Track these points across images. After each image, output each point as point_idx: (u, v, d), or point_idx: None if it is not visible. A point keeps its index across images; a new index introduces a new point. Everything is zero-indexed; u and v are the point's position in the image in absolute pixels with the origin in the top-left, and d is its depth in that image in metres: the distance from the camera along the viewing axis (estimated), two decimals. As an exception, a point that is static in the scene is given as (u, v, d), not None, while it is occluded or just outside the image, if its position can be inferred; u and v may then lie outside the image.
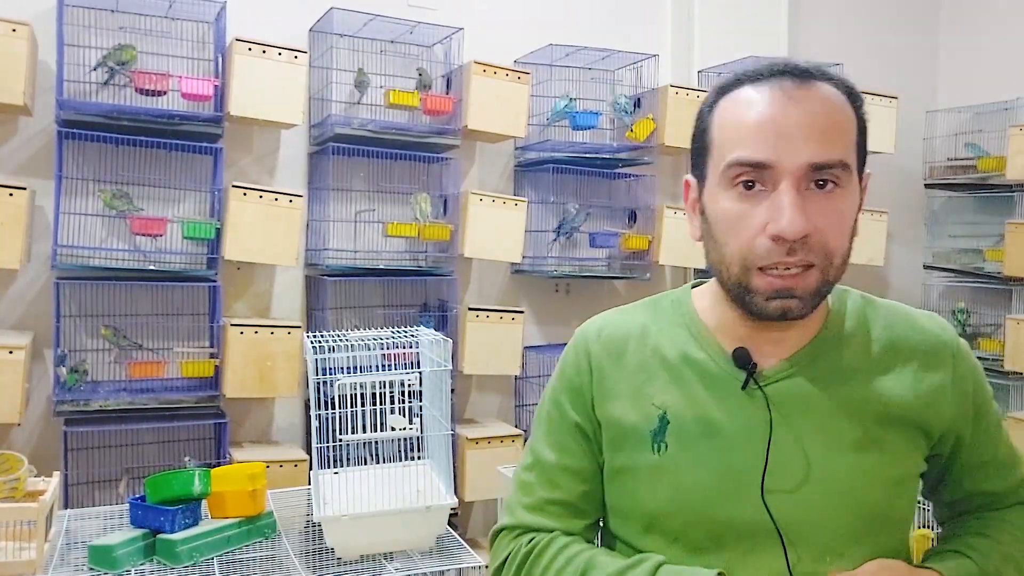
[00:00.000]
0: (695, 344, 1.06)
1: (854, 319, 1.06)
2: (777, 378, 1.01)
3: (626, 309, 1.15)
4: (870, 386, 1.01)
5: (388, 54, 3.34)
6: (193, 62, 2.99)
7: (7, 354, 2.52)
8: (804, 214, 0.91)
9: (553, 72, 3.58)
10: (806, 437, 0.98)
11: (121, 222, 2.90)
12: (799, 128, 0.92)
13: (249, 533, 1.93)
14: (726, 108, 0.98)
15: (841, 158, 0.93)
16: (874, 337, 1.05)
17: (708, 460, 1.00)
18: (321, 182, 3.19)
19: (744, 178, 0.94)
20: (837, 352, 1.03)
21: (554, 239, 3.55)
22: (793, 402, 1.00)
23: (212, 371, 2.88)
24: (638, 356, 1.08)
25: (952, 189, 4.29)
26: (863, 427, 0.99)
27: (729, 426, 1.00)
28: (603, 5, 3.75)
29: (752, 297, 0.96)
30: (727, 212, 0.96)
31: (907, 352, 1.04)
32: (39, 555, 1.71)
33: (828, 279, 0.96)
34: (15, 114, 2.79)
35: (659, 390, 1.04)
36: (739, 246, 0.95)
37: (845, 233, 0.97)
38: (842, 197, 0.95)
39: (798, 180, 0.92)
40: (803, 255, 0.93)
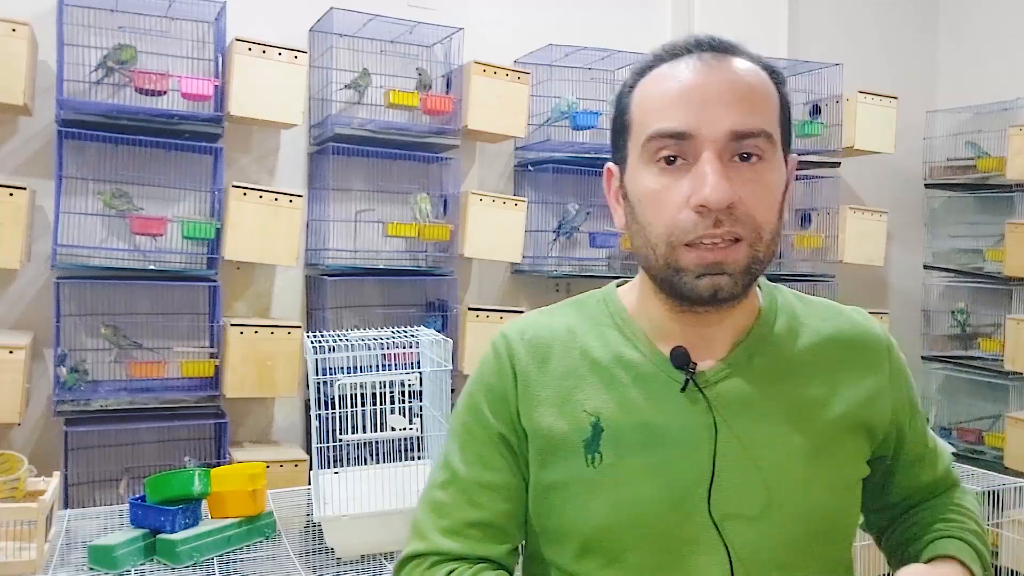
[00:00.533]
0: (628, 344, 0.98)
1: (786, 316, 1.01)
2: (716, 379, 0.95)
3: (549, 310, 1.08)
4: (811, 386, 0.97)
5: (388, 54, 3.34)
6: (193, 62, 2.99)
7: (7, 354, 2.52)
8: (725, 181, 0.86)
9: (553, 72, 3.58)
10: (754, 444, 0.93)
11: (121, 222, 2.90)
12: (719, 95, 0.88)
13: (249, 533, 1.93)
14: (645, 86, 0.94)
15: (763, 127, 0.89)
16: (808, 332, 1.00)
17: (650, 470, 0.92)
18: (321, 182, 3.19)
19: (665, 152, 0.89)
20: (773, 350, 0.98)
21: (554, 239, 3.55)
22: (736, 405, 0.94)
23: (212, 371, 2.88)
24: (565, 360, 0.99)
25: (952, 189, 4.29)
26: (811, 432, 0.94)
27: (671, 432, 0.93)
28: (603, 5, 3.75)
29: (681, 277, 0.89)
30: (649, 190, 0.90)
31: (844, 347, 1.00)
32: (39, 555, 1.71)
33: (758, 255, 0.90)
34: (15, 114, 2.79)
35: (590, 395, 0.96)
36: (664, 223, 0.89)
37: (772, 207, 0.91)
38: (767, 169, 0.90)
39: (720, 149, 0.87)
40: (729, 226, 0.87)
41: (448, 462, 1.02)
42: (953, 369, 4.18)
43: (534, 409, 0.98)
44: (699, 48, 0.92)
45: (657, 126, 0.89)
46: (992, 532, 2.78)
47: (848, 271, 3.98)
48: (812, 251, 3.92)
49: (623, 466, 0.93)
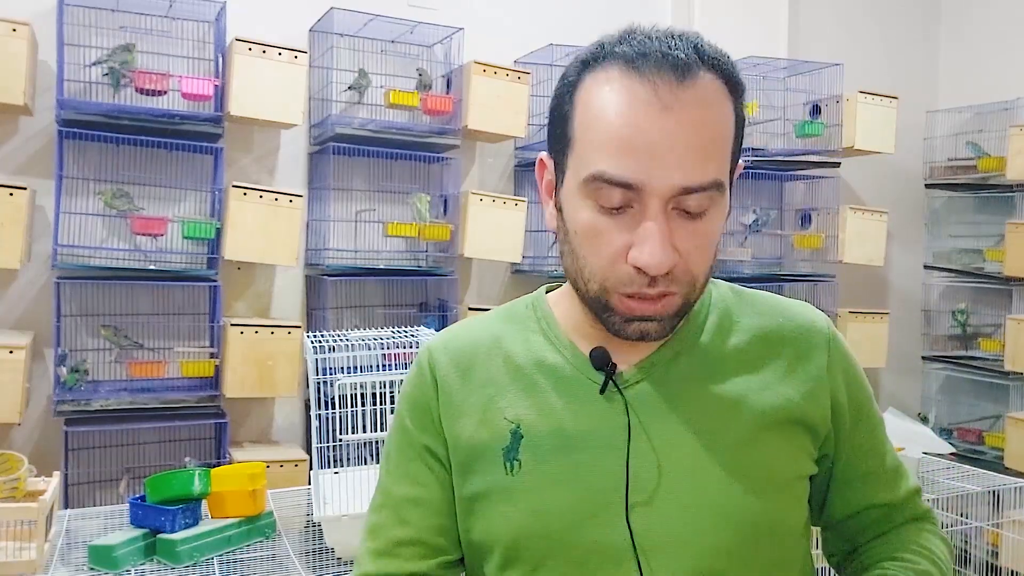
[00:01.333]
0: (550, 348, 0.96)
1: (718, 311, 0.96)
2: (638, 379, 0.91)
3: (477, 319, 1.04)
4: (741, 382, 0.92)
5: (388, 54, 3.34)
6: (193, 62, 2.99)
7: (7, 354, 2.52)
8: (668, 248, 0.82)
9: (553, 72, 3.58)
10: (667, 443, 0.88)
11: (121, 222, 2.90)
12: (672, 147, 0.81)
13: (249, 533, 1.93)
14: (591, 92, 0.86)
15: (716, 178, 0.83)
16: (741, 329, 0.95)
17: (565, 476, 0.89)
18: (321, 182, 3.19)
19: (606, 201, 0.83)
20: (700, 348, 0.94)
21: (554, 239, 3.55)
22: (655, 405, 0.90)
23: (212, 371, 2.88)
24: (488, 368, 0.96)
25: (952, 189, 4.29)
26: (737, 428, 0.89)
27: (587, 436, 0.89)
28: (603, 5, 3.76)
29: (610, 317, 0.87)
30: (586, 226, 0.86)
31: (778, 342, 0.95)
32: (39, 555, 1.71)
33: (691, 300, 0.88)
34: (15, 114, 2.79)
35: (511, 402, 0.93)
36: (599, 266, 0.86)
37: (711, 254, 0.88)
38: (712, 219, 0.85)
39: (666, 203, 0.82)
40: (664, 286, 0.84)
41: (381, 485, 1.00)
42: (953, 369, 4.18)
43: (456, 420, 0.95)
44: (659, 65, 0.83)
45: (601, 168, 0.82)
46: (992, 532, 2.78)
47: (848, 271, 3.98)
48: (812, 251, 3.92)
49: (540, 472, 0.89)
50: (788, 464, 0.91)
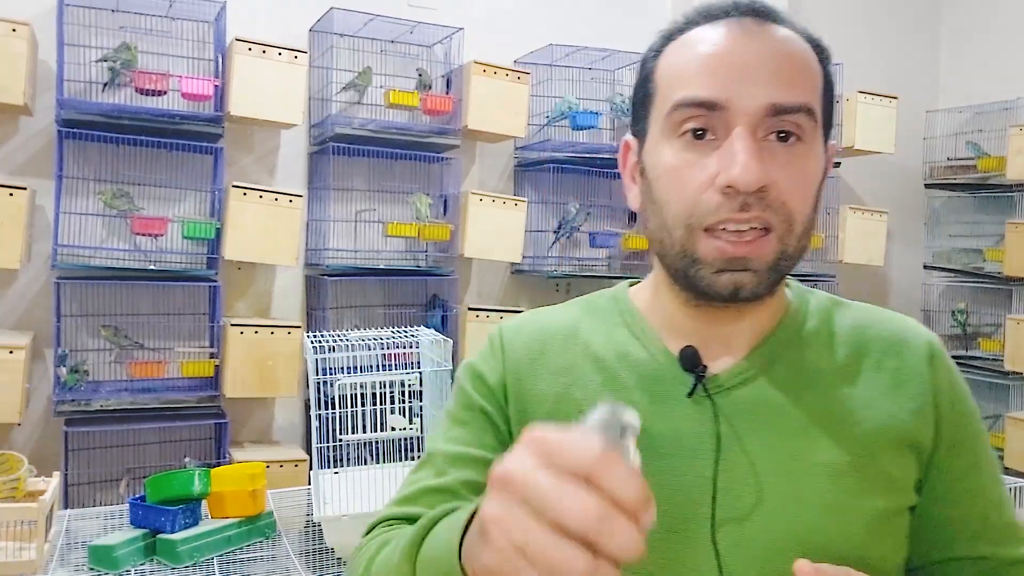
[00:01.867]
0: (635, 342, 0.88)
1: (818, 318, 0.89)
2: (730, 384, 0.83)
3: (554, 307, 0.98)
4: (843, 397, 0.83)
5: (388, 54, 3.34)
6: (193, 62, 2.99)
7: (7, 354, 2.52)
8: (759, 161, 0.75)
9: (553, 72, 3.58)
10: (762, 458, 0.79)
11: (121, 222, 2.90)
12: (758, 64, 0.77)
13: (249, 533, 1.93)
14: (673, 50, 0.83)
15: (806, 102, 0.78)
16: (842, 339, 0.87)
17: (648, 482, 0.77)
18: (321, 182, 3.19)
19: (692, 123, 0.77)
20: (798, 354, 0.85)
21: (554, 239, 3.55)
22: (749, 414, 0.82)
23: (212, 371, 2.88)
24: (564, 355, 0.90)
25: (952, 189, 4.29)
26: (838, 446, 0.80)
27: (670, 441, 0.82)
28: (603, 5, 3.76)
29: (698, 270, 0.78)
30: (670, 165, 0.79)
31: (881, 355, 0.86)
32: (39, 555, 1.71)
33: (787, 250, 0.79)
34: (15, 114, 2.79)
35: (589, 395, 0.86)
36: (683, 203, 0.78)
37: (808, 195, 0.79)
38: (805, 152, 0.79)
39: (754, 125, 0.76)
40: (759, 211, 0.76)
41: (428, 446, 0.95)
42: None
43: (525, 406, 0.88)
44: (738, 11, 0.81)
45: (684, 93, 0.78)
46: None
47: (848, 271, 3.98)
48: (812, 251, 3.92)
49: None
50: (894, 494, 0.81)
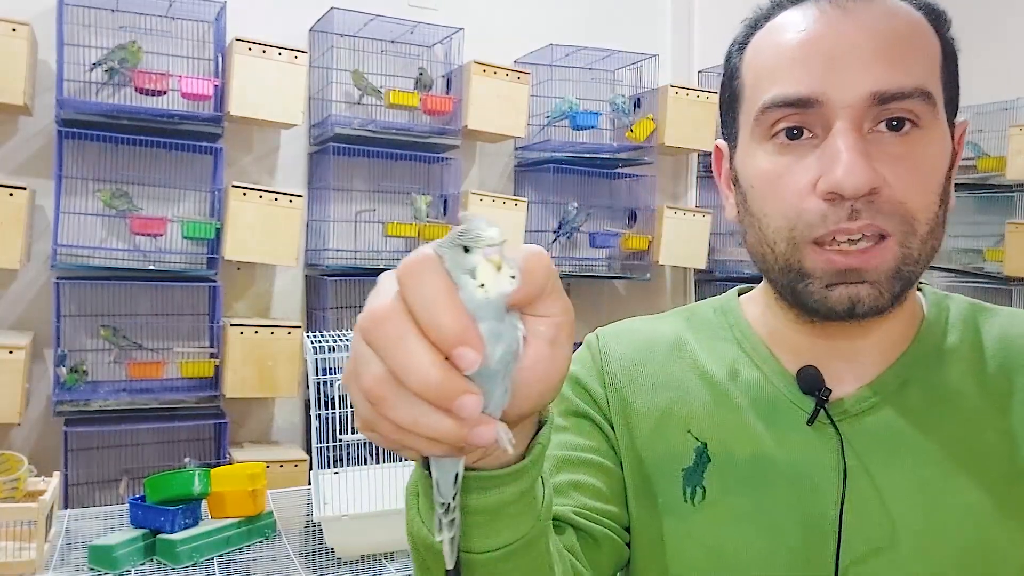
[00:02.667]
0: (746, 360, 0.78)
1: (960, 330, 0.76)
2: (856, 410, 0.72)
3: (654, 316, 0.88)
4: (990, 421, 0.71)
5: (388, 54, 3.34)
6: (193, 62, 2.99)
7: (7, 354, 2.52)
8: (866, 161, 0.65)
9: (553, 72, 3.58)
10: (895, 495, 0.69)
11: (121, 222, 2.90)
12: (856, 46, 0.66)
13: (249, 533, 1.93)
14: (761, 41, 0.73)
15: (919, 85, 0.66)
16: (989, 353, 0.74)
17: (759, 515, 0.72)
18: (321, 182, 3.19)
19: (785, 124, 0.68)
20: (937, 373, 0.73)
21: (554, 239, 3.55)
22: (879, 444, 0.71)
23: (212, 371, 2.88)
24: (669, 368, 0.80)
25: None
26: (984, 482, 0.68)
27: (790, 472, 0.72)
28: (603, 5, 3.75)
29: (807, 285, 0.69)
30: (765, 172, 0.70)
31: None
32: (39, 555, 1.71)
33: (911, 254, 0.68)
34: (15, 114, 2.79)
35: (697, 414, 0.77)
36: (783, 214, 0.69)
37: (931, 189, 0.68)
38: (924, 140, 0.67)
39: (858, 118, 0.66)
40: (869, 218, 0.66)
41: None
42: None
43: (626, 419, 0.79)
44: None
45: (773, 92, 0.69)
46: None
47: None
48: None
49: (728, 506, 0.73)
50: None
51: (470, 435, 0.43)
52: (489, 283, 0.43)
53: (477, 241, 0.43)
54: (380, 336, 0.42)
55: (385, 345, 0.42)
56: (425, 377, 0.42)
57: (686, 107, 3.51)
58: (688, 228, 3.59)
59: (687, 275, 3.93)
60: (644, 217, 3.63)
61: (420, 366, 0.42)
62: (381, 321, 0.42)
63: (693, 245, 3.60)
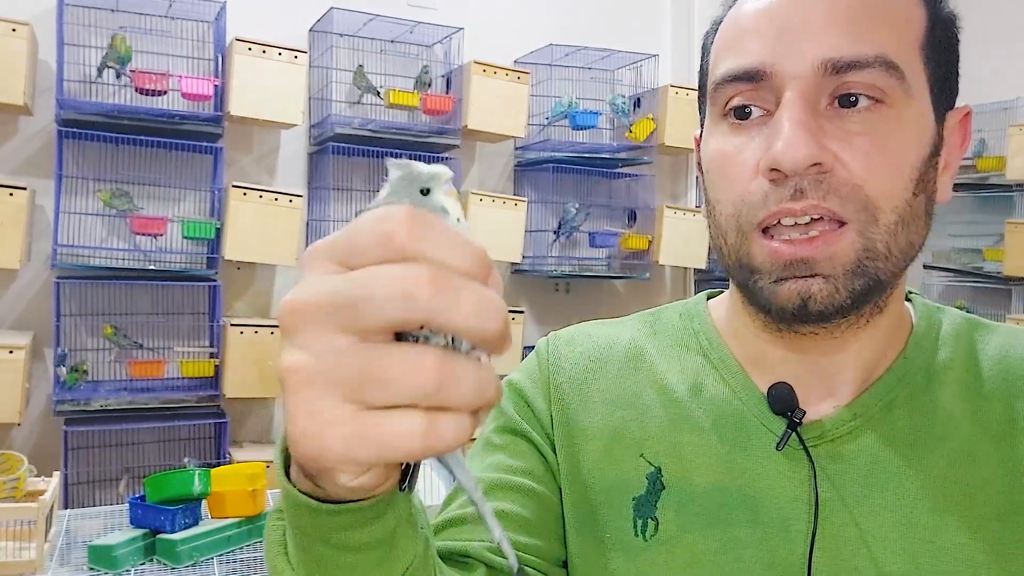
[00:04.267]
0: (713, 373, 0.70)
1: (952, 347, 0.68)
2: (834, 435, 0.64)
3: (613, 320, 0.80)
4: (986, 453, 0.63)
5: (388, 54, 3.34)
6: (193, 62, 2.99)
7: (7, 354, 2.52)
8: (808, 135, 0.58)
9: (553, 72, 3.58)
10: (876, 533, 0.61)
11: (121, 221, 2.90)
12: (808, 15, 0.60)
13: (249, 533, 1.93)
14: (727, 17, 0.68)
15: (880, 53, 0.58)
16: (986, 374, 0.66)
17: (716, 555, 0.64)
18: (321, 182, 3.19)
19: (737, 100, 0.62)
20: (927, 396, 0.65)
21: (554, 239, 3.55)
22: (858, 476, 0.63)
23: (212, 371, 2.88)
24: (623, 381, 0.72)
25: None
26: (978, 522, 0.61)
27: (754, 505, 0.64)
28: (603, 5, 3.75)
29: (756, 281, 0.62)
30: (717, 154, 0.64)
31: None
32: (39, 555, 1.71)
33: (876, 248, 0.60)
34: (15, 114, 2.79)
35: (653, 436, 0.69)
36: (731, 199, 0.62)
37: (899, 174, 0.60)
38: (890, 118, 0.59)
39: (809, 90, 0.59)
40: (816, 199, 0.58)
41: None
42: (953, 369, 4.17)
43: (572, 439, 0.71)
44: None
45: (725, 66, 0.63)
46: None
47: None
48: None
49: (683, 543, 0.65)
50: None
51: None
52: (462, 217, 0.40)
53: (436, 180, 0.40)
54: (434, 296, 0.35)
55: (423, 290, 0.34)
56: (490, 311, 0.35)
57: (686, 107, 3.51)
58: (688, 228, 3.59)
59: (687, 275, 3.93)
60: (644, 217, 3.64)
61: (479, 299, 0.35)
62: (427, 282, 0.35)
63: (693, 245, 3.61)
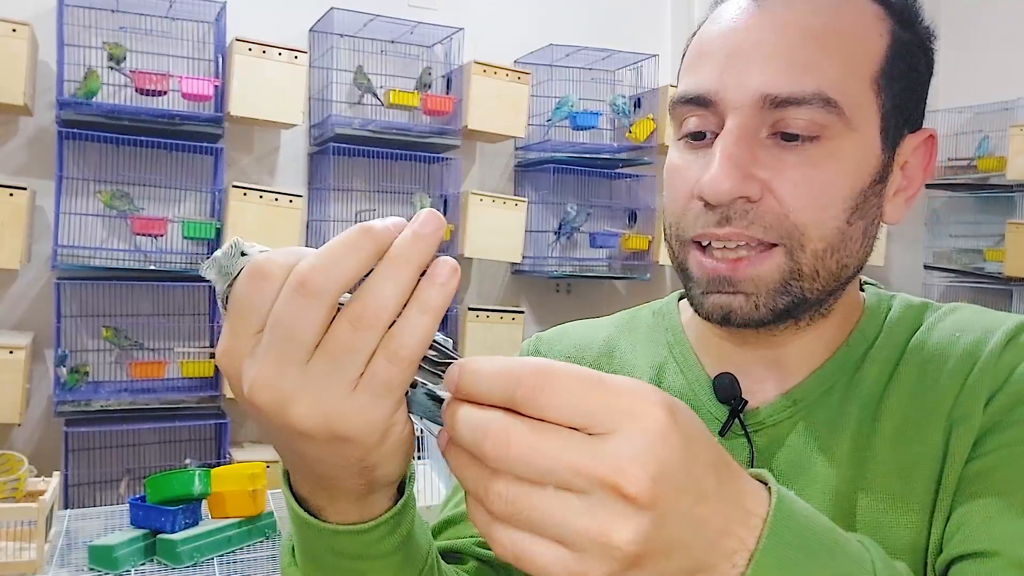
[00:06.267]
0: (675, 366, 0.76)
1: (896, 329, 0.70)
2: (772, 421, 0.68)
3: (594, 321, 0.88)
4: (921, 439, 0.63)
5: (388, 54, 3.34)
6: (193, 62, 2.99)
7: (7, 354, 2.52)
8: (733, 166, 0.61)
9: (553, 72, 3.58)
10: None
11: (121, 222, 2.90)
12: (758, 44, 0.62)
13: (249, 533, 1.93)
14: (698, 35, 0.70)
15: (818, 91, 0.60)
16: (928, 356, 0.67)
17: None
18: (321, 182, 3.19)
19: (690, 124, 0.65)
20: (864, 381, 0.68)
21: (554, 239, 3.55)
22: (791, 458, 0.67)
23: (212, 371, 2.88)
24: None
25: (952, 189, 4.29)
26: (911, 501, 0.62)
27: None
28: (603, 5, 3.75)
29: (691, 288, 0.67)
30: (670, 167, 0.68)
31: (976, 376, 0.64)
32: (39, 555, 1.71)
33: (801, 270, 0.63)
34: (15, 114, 2.79)
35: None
36: (673, 212, 0.67)
37: (828, 204, 0.62)
38: (825, 154, 0.62)
39: (747, 121, 0.62)
40: (742, 227, 0.62)
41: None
42: (953, 369, 4.17)
43: None
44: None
45: (682, 86, 0.67)
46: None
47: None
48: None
49: None
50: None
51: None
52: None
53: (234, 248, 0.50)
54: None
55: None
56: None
57: (686, 107, 3.51)
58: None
59: (687, 275, 3.94)
60: (644, 217, 3.64)
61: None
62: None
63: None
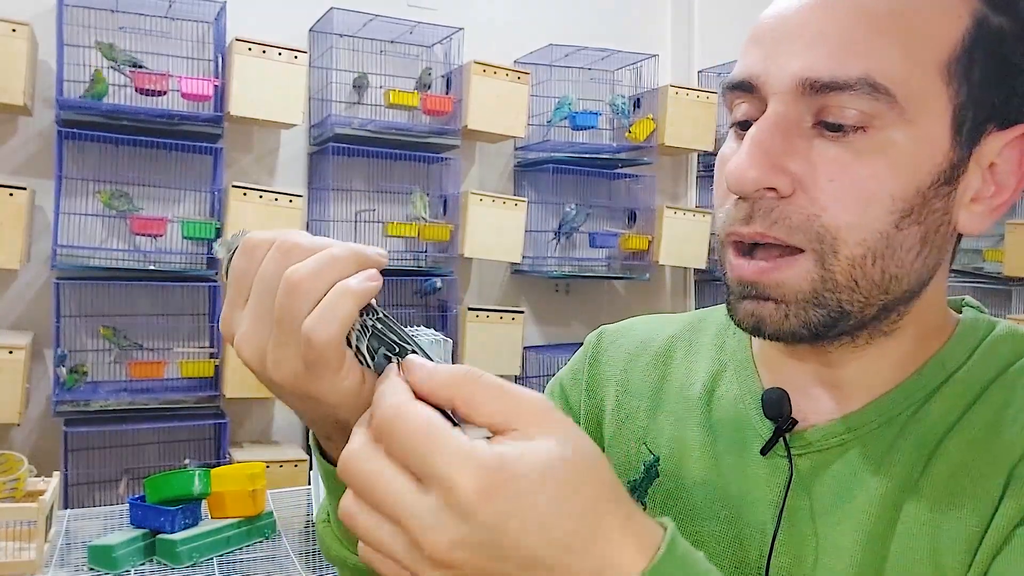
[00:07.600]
0: (732, 374, 0.69)
1: (985, 367, 0.61)
2: (822, 446, 0.61)
3: (665, 317, 0.81)
4: (973, 480, 0.56)
5: (388, 54, 3.34)
6: (193, 62, 2.99)
7: (7, 354, 2.52)
8: (759, 156, 0.54)
9: (553, 72, 3.58)
10: (834, 553, 0.58)
11: (121, 222, 2.90)
12: (803, 26, 0.55)
13: (249, 533, 1.93)
14: (758, 19, 0.63)
15: (865, 75, 0.52)
16: (1015, 391, 0.59)
17: (695, 545, 0.62)
18: (321, 182, 3.19)
19: (739, 111, 0.59)
20: (932, 414, 0.59)
21: (554, 239, 3.55)
22: (835, 489, 0.60)
23: (212, 371, 2.88)
24: (648, 375, 0.74)
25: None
26: (960, 553, 0.54)
27: (730, 504, 0.63)
28: (603, 5, 3.75)
29: (728, 293, 0.61)
30: (719, 157, 0.62)
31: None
32: (39, 555, 1.71)
33: (836, 280, 0.56)
34: (15, 114, 2.79)
35: (661, 426, 0.70)
36: (718, 206, 0.61)
37: (872, 205, 0.54)
38: (872, 147, 0.54)
39: (786, 108, 0.55)
40: (765, 227, 0.56)
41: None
42: (953, 369, 4.17)
43: (599, 428, 0.75)
44: None
45: (734, 71, 0.61)
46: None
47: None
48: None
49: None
50: None
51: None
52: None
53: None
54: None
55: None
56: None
57: (686, 107, 3.51)
58: (688, 228, 3.59)
59: (687, 275, 3.93)
60: (644, 217, 3.64)
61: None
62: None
63: (693, 245, 3.61)
